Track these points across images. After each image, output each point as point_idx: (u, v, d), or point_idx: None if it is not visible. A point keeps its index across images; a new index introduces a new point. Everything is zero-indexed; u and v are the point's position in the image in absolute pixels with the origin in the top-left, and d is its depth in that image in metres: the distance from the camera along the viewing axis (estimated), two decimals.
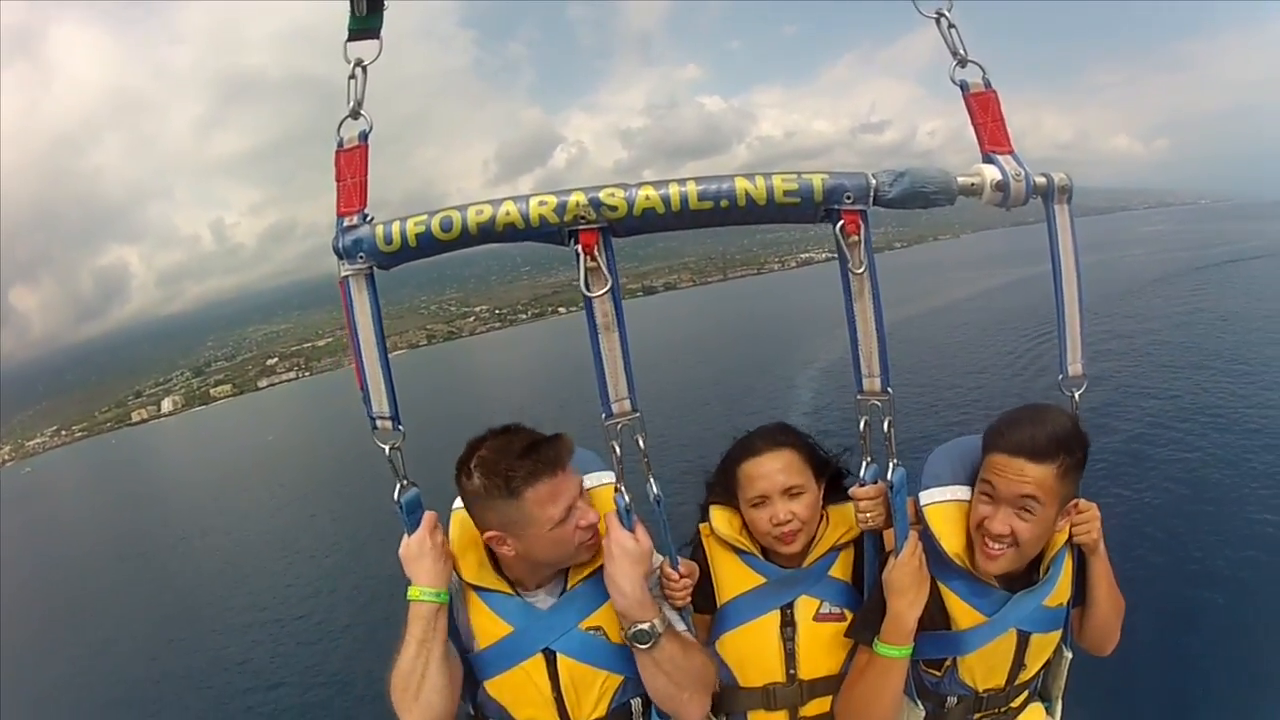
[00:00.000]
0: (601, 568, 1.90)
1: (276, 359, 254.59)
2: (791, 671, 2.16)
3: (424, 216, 1.68)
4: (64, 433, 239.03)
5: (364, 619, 14.76)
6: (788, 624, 2.17)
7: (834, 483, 2.26)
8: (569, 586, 1.98)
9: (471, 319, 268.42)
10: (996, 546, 1.93)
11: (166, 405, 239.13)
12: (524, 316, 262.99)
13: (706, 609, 2.22)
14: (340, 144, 1.80)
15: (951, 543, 2.02)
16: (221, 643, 16.12)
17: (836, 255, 1.75)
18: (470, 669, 1.95)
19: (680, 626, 2.00)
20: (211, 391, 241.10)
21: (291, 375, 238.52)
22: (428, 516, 1.89)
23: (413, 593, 1.82)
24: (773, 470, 2.14)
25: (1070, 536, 2.07)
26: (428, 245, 1.69)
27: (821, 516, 2.23)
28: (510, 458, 1.76)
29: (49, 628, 20.15)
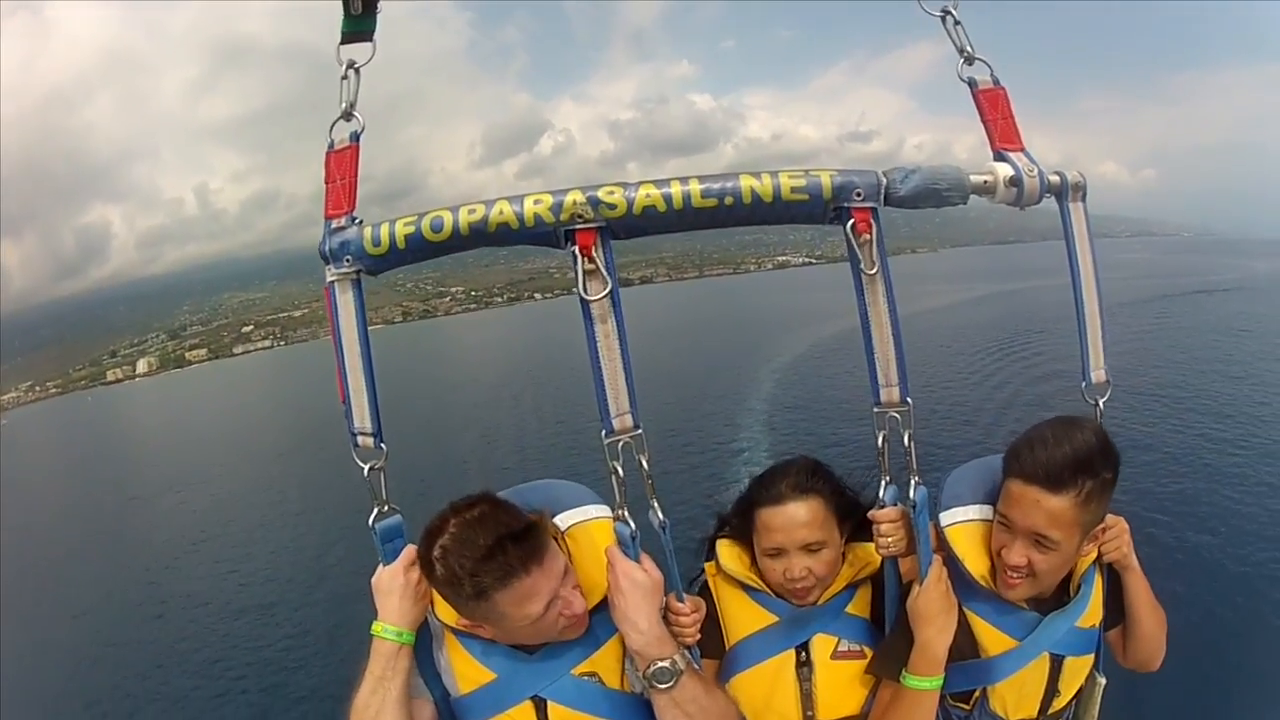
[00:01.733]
0: (594, 611, 1.77)
1: (252, 326, 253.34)
2: (809, 713, 2.02)
3: (413, 217, 1.61)
4: (38, 388, 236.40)
5: (328, 577, 14.99)
6: (803, 664, 2.03)
7: (857, 521, 2.07)
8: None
9: (448, 299, 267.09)
10: (1015, 576, 1.82)
11: (141, 366, 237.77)
12: (500, 300, 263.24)
13: (714, 653, 2.07)
14: (331, 145, 1.72)
15: (976, 565, 1.90)
16: (181, 598, 16.25)
17: (846, 257, 1.66)
18: (451, 712, 1.82)
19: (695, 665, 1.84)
20: (186, 355, 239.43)
21: (267, 343, 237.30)
22: (406, 552, 1.73)
23: (375, 627, 1.71)
24: (794, 524, 1.98)
25: (1099, 554, 1.95)
26: (417, 247, 1.61)
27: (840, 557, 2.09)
28: (474, 558, 1.56)
29: (16, 578, 19.76)
